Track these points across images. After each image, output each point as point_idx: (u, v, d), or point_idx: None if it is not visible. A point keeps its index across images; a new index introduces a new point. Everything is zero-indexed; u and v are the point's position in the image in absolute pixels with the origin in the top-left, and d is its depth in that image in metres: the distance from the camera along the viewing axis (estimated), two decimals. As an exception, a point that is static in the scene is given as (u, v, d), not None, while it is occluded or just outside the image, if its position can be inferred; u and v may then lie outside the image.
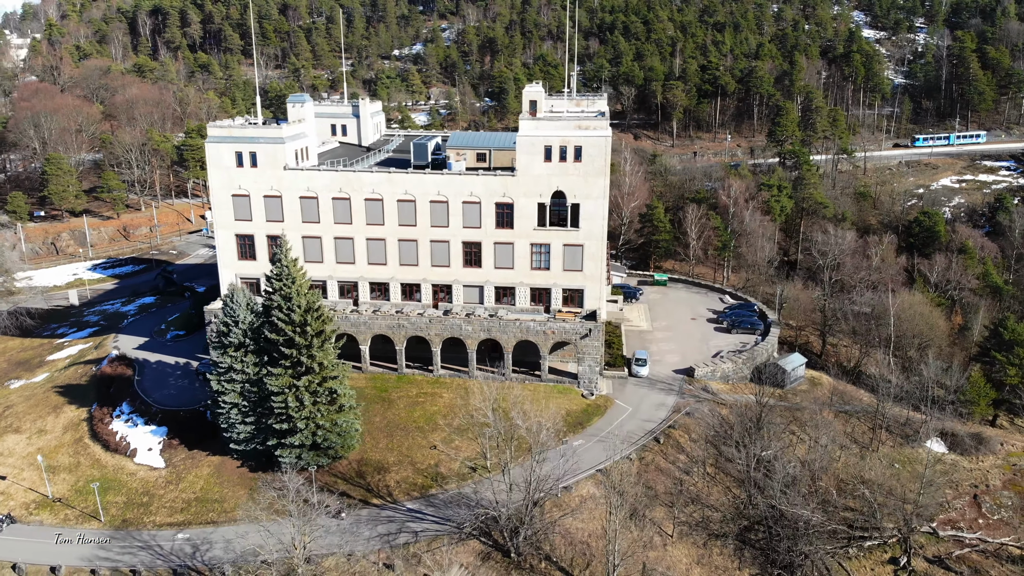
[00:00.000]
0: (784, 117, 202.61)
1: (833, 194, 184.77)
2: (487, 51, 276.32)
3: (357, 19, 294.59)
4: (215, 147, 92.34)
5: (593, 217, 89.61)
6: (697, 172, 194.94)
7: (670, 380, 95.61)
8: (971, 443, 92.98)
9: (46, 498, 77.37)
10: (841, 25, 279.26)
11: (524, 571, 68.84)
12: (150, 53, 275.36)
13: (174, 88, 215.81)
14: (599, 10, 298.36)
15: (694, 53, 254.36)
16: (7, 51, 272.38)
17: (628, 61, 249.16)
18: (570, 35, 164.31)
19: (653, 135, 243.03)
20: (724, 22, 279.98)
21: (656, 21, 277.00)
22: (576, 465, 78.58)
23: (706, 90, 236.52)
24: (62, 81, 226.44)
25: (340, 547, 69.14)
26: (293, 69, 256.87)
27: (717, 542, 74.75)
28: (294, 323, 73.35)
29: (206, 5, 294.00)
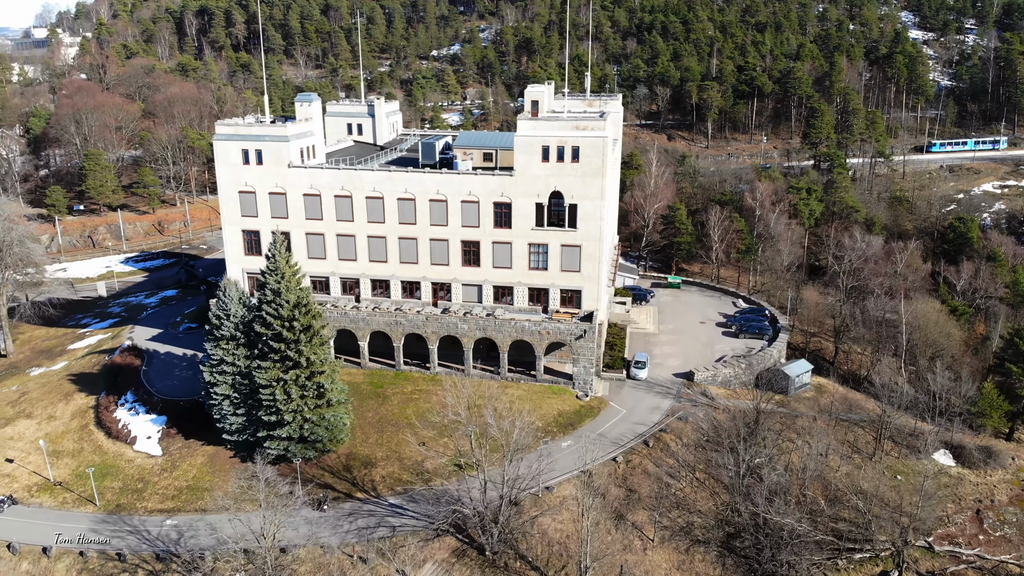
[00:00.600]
0: (819, 119, 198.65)
1: (866, 198, 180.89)
2: (523, 51, 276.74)
3: (397, 19, 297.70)
4: (223, 144, 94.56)
5: (590, 218, 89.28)
6: (728, 174, 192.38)
7: (669, 384, 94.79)
8: (979, 456, 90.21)
9: (48, 481, 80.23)
10: (888, 26, 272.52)
11: (498, 569, 69.08)
12: (195, 53, 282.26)
13: (213, 87, 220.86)
14: (639, 10, 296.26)
15: (732, 53, 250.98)
16: (59, 49, 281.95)
17: (664, 61, 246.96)
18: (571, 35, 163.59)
19: (688, 136, 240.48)
20: (766, 22, 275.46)
21: (695, 21, 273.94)
22: (560, 466, 78.58)
23: (742, 91, 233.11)
24: (107, 79, 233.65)
25: (318, 538, 70.37)
26: (331, 69, 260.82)
27: (700, 548, 73.92)
28: (282, 317, 74.80)
29: (251, 5, 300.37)
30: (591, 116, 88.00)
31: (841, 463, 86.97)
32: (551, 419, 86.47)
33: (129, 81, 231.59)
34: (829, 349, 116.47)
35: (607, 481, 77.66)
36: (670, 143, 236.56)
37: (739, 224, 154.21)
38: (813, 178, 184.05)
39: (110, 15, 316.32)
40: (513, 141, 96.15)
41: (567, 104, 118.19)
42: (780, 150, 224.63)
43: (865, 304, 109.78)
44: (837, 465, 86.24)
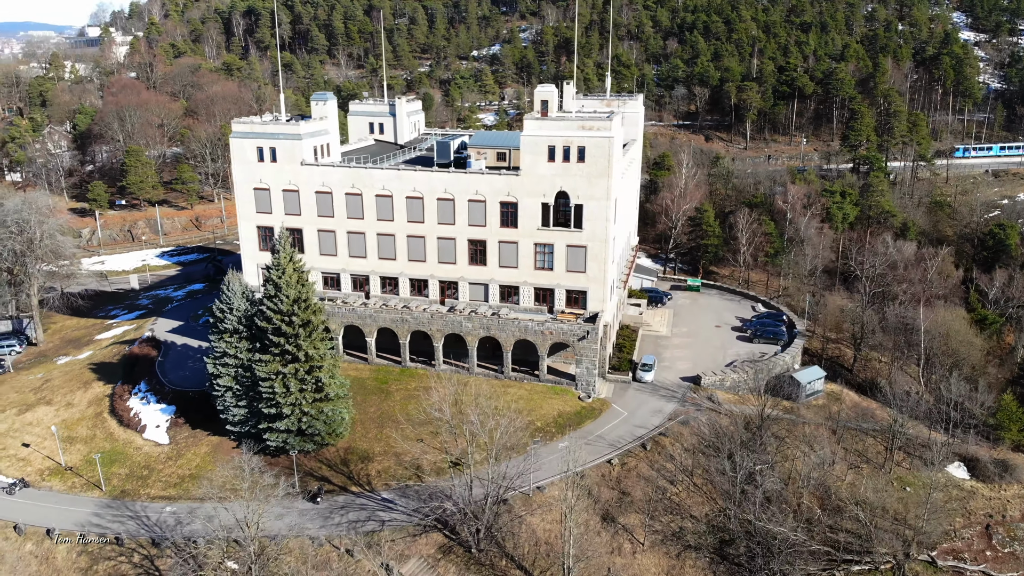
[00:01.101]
0: (859, 121, 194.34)
1: (905, 203, 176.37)
2: (563, 51, 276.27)
3: (439, 20, 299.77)
4: (239, 142, 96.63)
5: (596, 219, 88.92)
6: (763, 176, 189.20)
7: (675, 387, 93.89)
8: (994, 470, 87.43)
9: (59, 466, 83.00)
10: (938, 27, 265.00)
11: (483, 567, 69.34)
12: (241, 52, 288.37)
13: (254, 86, 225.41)
14: (681, 9, 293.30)
15: (774, 54, 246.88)
16: (111, 48, 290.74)
17: (704, 61, 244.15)
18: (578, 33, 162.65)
19: (726, 137, 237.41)
20: (811, 22, 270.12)
21: (738, 21, 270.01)
22: (554, 466, 78.42)
23: (783, 92, 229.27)
24: (154, 78, 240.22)
25: (308, 530, 71.55)
26: (371, 69, 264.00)
27: (692, 554, 73.13)
28: (282, 312, 76.19)
29: (296, 6, 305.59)
30: (598, 116, 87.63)
31: (848, 473, 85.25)
32: (550, 419, 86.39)
33: (175, 80, 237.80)
34: (849, 356, 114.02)
35: (600, 483, 77.33)
36: (707, 144, 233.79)
37: (768, 227, 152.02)
38: (850, 181, 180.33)
39: (162, 15, 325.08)
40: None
41: (585, 104, 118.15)
42: (820, 152, 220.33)
43: (884, 311, 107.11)
44: (843, 474, 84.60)
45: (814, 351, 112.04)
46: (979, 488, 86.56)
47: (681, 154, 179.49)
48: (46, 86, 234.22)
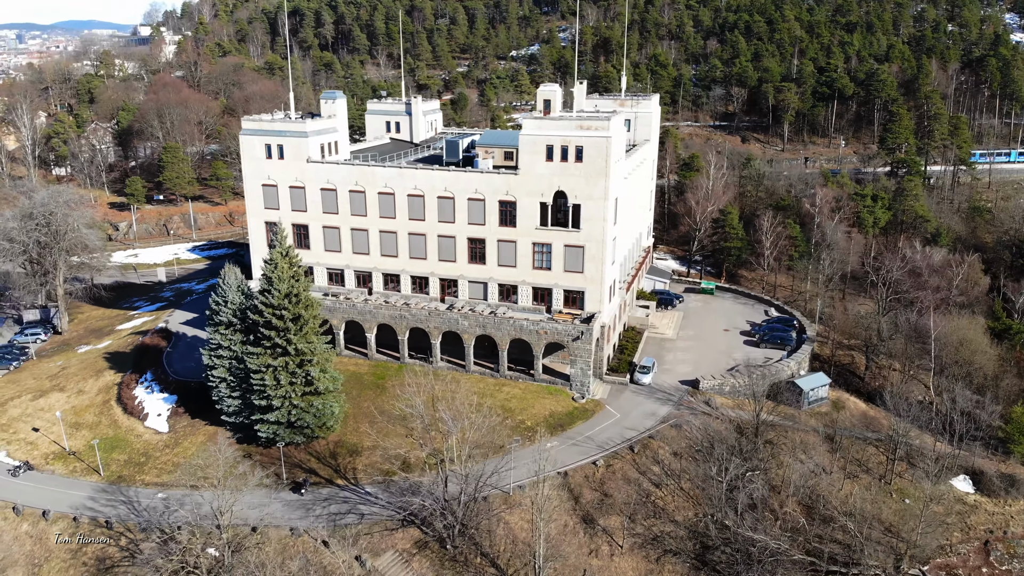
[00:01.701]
0: (897, 124, 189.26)
1: (942, 208, 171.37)
2: (601, 51, 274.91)
3: (479, 20, 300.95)
4: (248, 139, 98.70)
5: (594, 219, 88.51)
6: (796, 178, 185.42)
7: (672, 390, 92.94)
8: (1000, 484, 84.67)
9: (64, 451, 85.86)
10: (989, 27, 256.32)
11: (457, 563, 69.68)
12: (285, 52, 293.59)
13: (292, 85, 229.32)
14: (723, 9, 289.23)
15: (816, 54, 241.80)
16: (160, 47, 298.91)
17: (743, 61, 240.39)
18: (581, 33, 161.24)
19: (763, 138, 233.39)
20: (856, 22, 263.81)
21: (781, 21, 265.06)
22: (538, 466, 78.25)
23: (823, 93, 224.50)
24: (198, 76, 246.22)
25: (289, 520, 72.76)
26: (409, 69, 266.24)
27: (672, 559, 72.40)
28: (273, 306, 77.57)
29: (339, 6, 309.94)
30: (596, 116, 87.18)
31: (845, 482, 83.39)
32: (541, 419, 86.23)
33: (218, 79, 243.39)
34: (863, 364, 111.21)
35: (582, 484, 76.99)
36: (744, 145, 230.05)
37: (793, 231, 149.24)
38: (884, 185, 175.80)
39: (211, 15, 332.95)
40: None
41: (599, 104, 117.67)
42: (860, 155, 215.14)
43: (896, 318, 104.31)
44: (839, 484, 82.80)
45: (825, 357, 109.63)
46: (983, 502, 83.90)
47: (710, 155, 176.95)
48: (94, 83, 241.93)
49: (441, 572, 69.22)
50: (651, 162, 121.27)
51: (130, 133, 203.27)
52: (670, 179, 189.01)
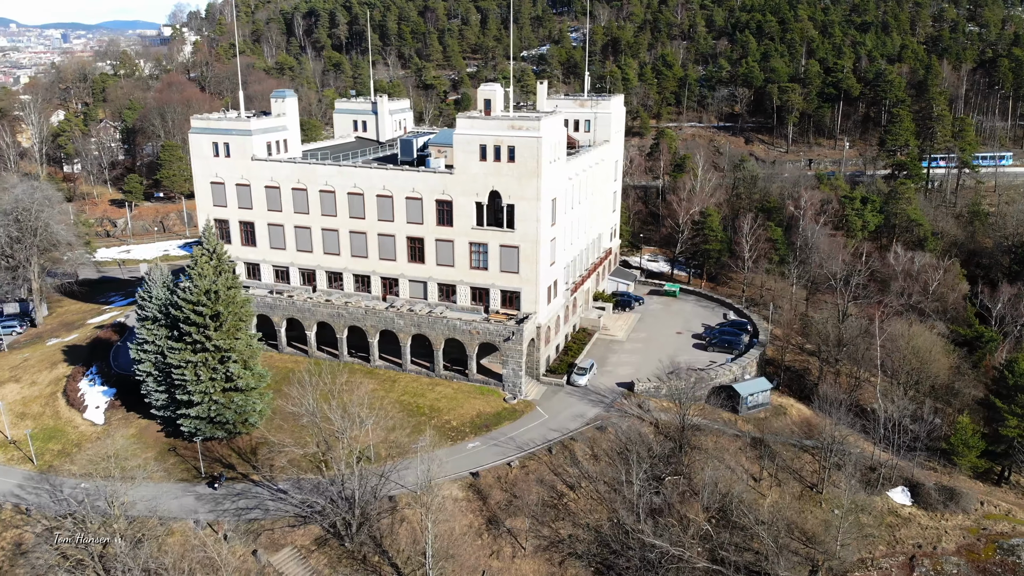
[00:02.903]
0: (898, 125, 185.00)
1: (939, 213, 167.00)
2: (610, 51, 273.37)
3: (491, 20, 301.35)
4: (196, 137, 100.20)
5: (527, 219, 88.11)
6: (789, 181, 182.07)
7: (608, 392, 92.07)
8: (937, 497, 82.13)
9: (5, 439, 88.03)
10: (1009, 28, 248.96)
11: (356, 561, 69.90)
12: (298, 53, 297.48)
13: (294, 85, 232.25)
14: (737, 9, 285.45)
15: (826, 55, 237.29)
16: (178, 47, 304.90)
17: (750, 62, 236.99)
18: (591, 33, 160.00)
19: (768, 140, 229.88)
20: (871, 22, 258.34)
21: (793, 21, 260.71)
22: (456, 466, 78.25)
23: (829, 94, 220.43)
24: (207, 76, 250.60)
25: (197, 513, 73.68)
26: (416, 69, 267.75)
27: (575, 563, 71.72)
28: (192, 303, 78.63)
29: (354, 7, 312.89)
30: (527, 116, 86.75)
31: (774, 490, 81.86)
32: (467, 419, 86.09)
33: (228, 79, 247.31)
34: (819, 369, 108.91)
35: (493, 484, 76.63)
36: (747, 146, 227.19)
37: (774, 233, 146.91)
38: (879, 188, 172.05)
39: (232, 16, 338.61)
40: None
41: (559, 104, 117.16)
42: (866, 158, 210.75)
43: (844, 322, 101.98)
44: (768, 491, 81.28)
45: (781, 362, 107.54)
46: (918, 515, 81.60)
47: (696, 156, 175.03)
48: (109, 82, 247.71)
49: (338, 568, 69.52)
50: (613, 163, 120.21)
51: (135, 132, 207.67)
52: (664, 180, 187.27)
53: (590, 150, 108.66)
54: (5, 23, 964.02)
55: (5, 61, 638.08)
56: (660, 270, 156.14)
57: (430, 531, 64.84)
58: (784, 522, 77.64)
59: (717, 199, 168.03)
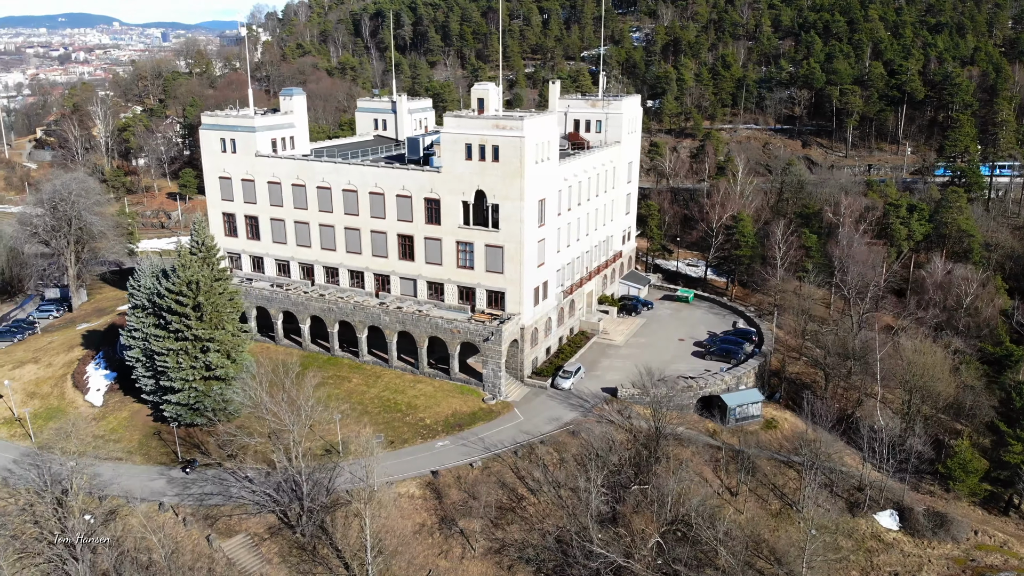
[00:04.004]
0: (957, 130, 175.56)
1: (997, 224, 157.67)
2: (671, 51, 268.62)
3: (553, 20, 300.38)
4: (206, 133, 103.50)
5: (511, 219, 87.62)
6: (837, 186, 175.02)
7: (591, 397, 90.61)
8: (926, 523, 77.66)
9: (12, 416, 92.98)
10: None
11: (305, 552, 71.00)
12: (363, 53, 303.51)
13: (346, 84, 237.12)
14: (805, 8, 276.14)
15: (894, 56, 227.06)
16: (251, 46, 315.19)
17: (811, 63, 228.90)
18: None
19: (826, 143, 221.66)
20: (945, 23, 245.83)
21: (863, 21, 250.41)
22: (419, 464, 78.54)
23: (892, 97, 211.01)
24: (273, 75, 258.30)
25: (164, 496, 76.14)
26: (472, 70, 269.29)
27: (526, 567, 70.96)
28: (174, 293, 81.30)
29: (419, 8, 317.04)
30: (511, 116, 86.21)
31: (749, 505, 79.06)
32: (442, 418, 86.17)
33: (290, 78, 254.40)
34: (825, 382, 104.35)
35: (452, 484, 76.45)
36: (804, 150, 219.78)
37: (809, 241, 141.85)
38: (932, 196, 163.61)
39: (305, 17, 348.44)
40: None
41: (571, 104, 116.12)
42: (926, 163, 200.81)
43: (858, 334, 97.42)
44: (743, 506, 78.58)
45: (783, 373, 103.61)
46: (903, 541, 77.36)
47: (738, 159, 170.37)
48: (179, 80, 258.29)
49: (287, 558, 70.74)
50: (626, 164, 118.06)
51: (195, 128, 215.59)
52: (709, 183, 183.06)
53: (593, 152, 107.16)
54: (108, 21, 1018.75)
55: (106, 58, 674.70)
56: (699, 275, 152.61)
57: (368, 530, 65.17)
58: (752, 539, 75.22)
59: (758, 203, 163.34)
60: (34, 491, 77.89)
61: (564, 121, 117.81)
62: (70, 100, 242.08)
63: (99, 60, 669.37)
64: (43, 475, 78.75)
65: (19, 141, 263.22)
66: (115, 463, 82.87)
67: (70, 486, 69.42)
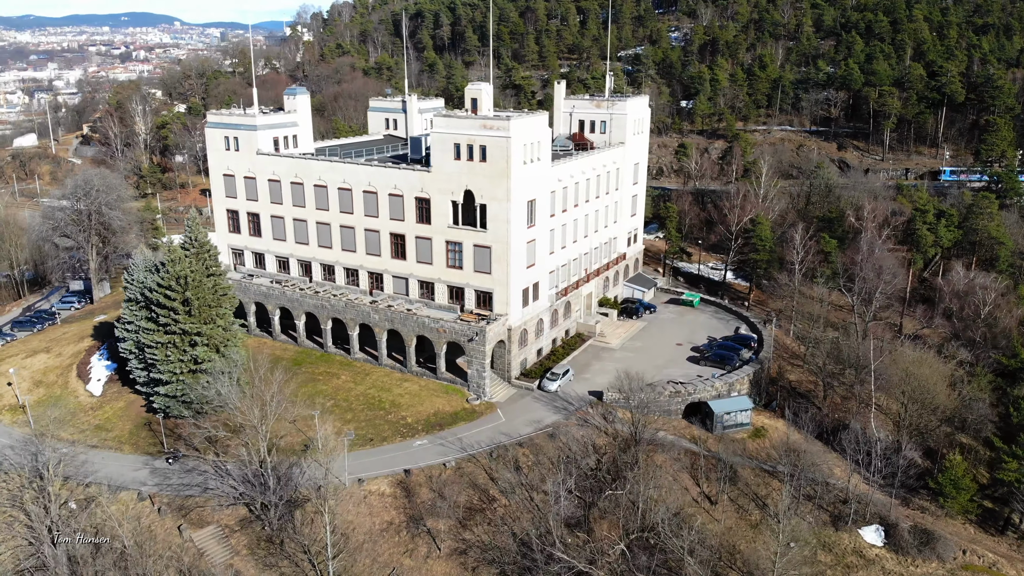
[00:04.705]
0: (994, 134, 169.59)
1: None
2: (708, 51, 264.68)
3: (591, 20, 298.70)
4: (211, 131, 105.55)
5: (498, 220, 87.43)
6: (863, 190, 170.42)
7: (576, 400, 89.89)
8: (911, 540, 75.30)
9: (17, 403, 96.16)
10: None
11: (273, 545, 71.91)
12: (401, 53, 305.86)
13: (391, 85, 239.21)
14: (848, 8, 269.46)
15: (936, 57, 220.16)
16: (293, 47, 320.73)
17: (851, 63, 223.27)
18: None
19: (863, 146, 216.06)
20: (993, 23, 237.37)
21: (907, 21, 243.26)
22: (391, 463, 78.90)
23: (932, 99, 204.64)
24: (311, 75, 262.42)
25: (145, 486, 77.90)
26: (505, 69, 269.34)
27: (490, 570, 70.74)
28: (163, 287, 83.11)
29: (457, 8, 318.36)
30: (499, 116, 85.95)
31: (728, 515, 77.56)
32: (424, 417, 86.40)
33: (327, 78, 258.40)
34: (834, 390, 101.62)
35: (423, 483, 76.57)
36: (839, 153, 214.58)
37: (828, 245, 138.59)
38: (964, 201, 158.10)
39: (348, 17, 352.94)
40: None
41: (576, 104, 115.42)
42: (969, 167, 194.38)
43: (838, 342, 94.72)
44: (721, 516, 77.17)
45: (789, 382, 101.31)
46: (885, 558, 75.13)
47: (762, 160, 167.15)
48: (220, 79, 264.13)
49: (255, 551, 71.80)
50: (632, 165, 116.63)
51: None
52: (735, 185, 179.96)
53: (591, 153, 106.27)
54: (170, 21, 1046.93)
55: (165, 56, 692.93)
56: (721, 279, 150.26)
57: (327, 527, 65.68)
58: (726, 549, 73.93)
59: (783, 207, 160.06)
60: (25, 477, 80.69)
61: (569, 122, 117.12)
62: (114, 98, 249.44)
63: (158, 59, 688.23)
64: (30, 461, 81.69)
65: (67, 137, 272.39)
66: (105, 452, 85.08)
67: (46, 471, 71.27)
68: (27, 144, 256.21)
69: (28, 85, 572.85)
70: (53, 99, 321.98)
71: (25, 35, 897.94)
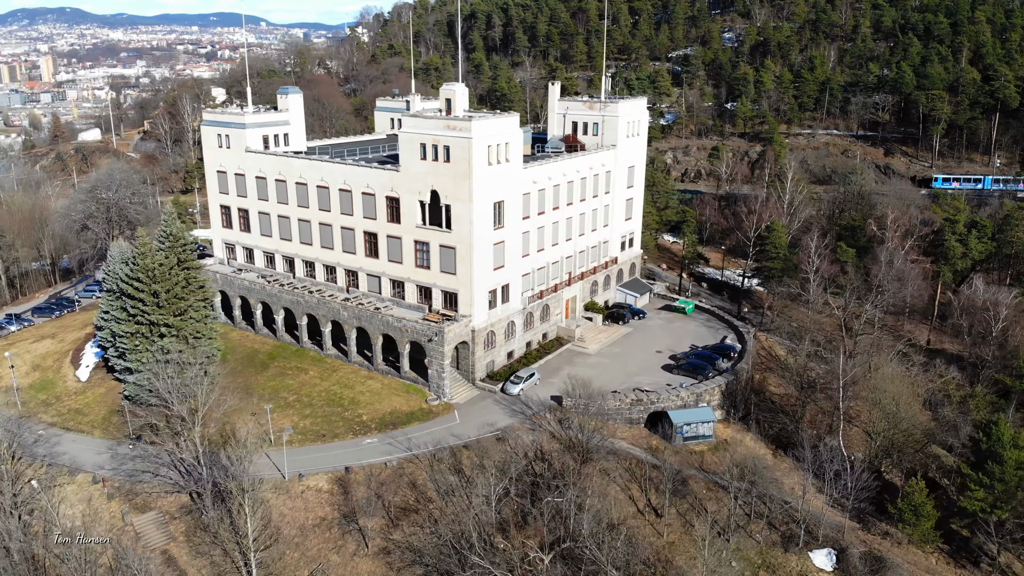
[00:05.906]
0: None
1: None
2: (759, 53, 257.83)
3: (643, 20, 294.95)
4: (206, 129, 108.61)
5: (462, 220, 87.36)
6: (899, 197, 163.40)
7: (536, 404, 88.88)
8: (861, 566, 71.88)
9: (11, 386, 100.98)
10: None
11: (208, 533, 73.54)
12: (453, 54, 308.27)
13: (428, 85, 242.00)
14: (909, 9, 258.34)
15: (995, 60, 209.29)
16: (350, 47, 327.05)
17: (904, 65, 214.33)
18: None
19: (911, 152, 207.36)
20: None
21: (967, 23, 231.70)
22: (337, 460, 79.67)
23: (986, 104, 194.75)
24: (361, 75, 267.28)
25: (101, 469, 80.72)
26: (550, 69, 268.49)
27: (415, 570, 70.74)
28: (134, 279, 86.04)
29: (510, 8, 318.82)
30: (461, 117, 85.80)
31: (672, 530, 75.62)
32: (379, 415, 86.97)
33: (376, 78, 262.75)
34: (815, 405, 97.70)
35: (361, 481, 76.97)
36: (886, 158, 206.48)
37: (846, 255, 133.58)
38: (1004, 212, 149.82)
39: (406, 19, 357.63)
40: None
41: (570, 106, 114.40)
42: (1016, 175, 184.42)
43: (817, 355, 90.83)
44: (665, 531, 75.28)
45: (769, 395, 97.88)
46: (832, 582, 71.76)
47: (789, 166, 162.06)
48: (273, 78, 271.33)
49: (192, 538, 73.61)
50: (626, 168, 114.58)
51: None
52: (767, 190, 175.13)
53: (574, 156, 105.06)
54: (256, 21, 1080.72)
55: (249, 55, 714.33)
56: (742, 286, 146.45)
57: (250, 520, 66.76)
58: (662, 564, 72.07)
59: (809, 213, 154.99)
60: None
61: (563, 123, 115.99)
62: (170, 95, 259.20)
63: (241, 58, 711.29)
64: (8, 439, 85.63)
65: (129, 132, 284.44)
66: (76, 434, 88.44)
67: (18, 451, 74.73)
68: (91, 139, 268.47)
69: (116, 81, 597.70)
70: (116, 96, 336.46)
71: (117, 32, 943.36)
